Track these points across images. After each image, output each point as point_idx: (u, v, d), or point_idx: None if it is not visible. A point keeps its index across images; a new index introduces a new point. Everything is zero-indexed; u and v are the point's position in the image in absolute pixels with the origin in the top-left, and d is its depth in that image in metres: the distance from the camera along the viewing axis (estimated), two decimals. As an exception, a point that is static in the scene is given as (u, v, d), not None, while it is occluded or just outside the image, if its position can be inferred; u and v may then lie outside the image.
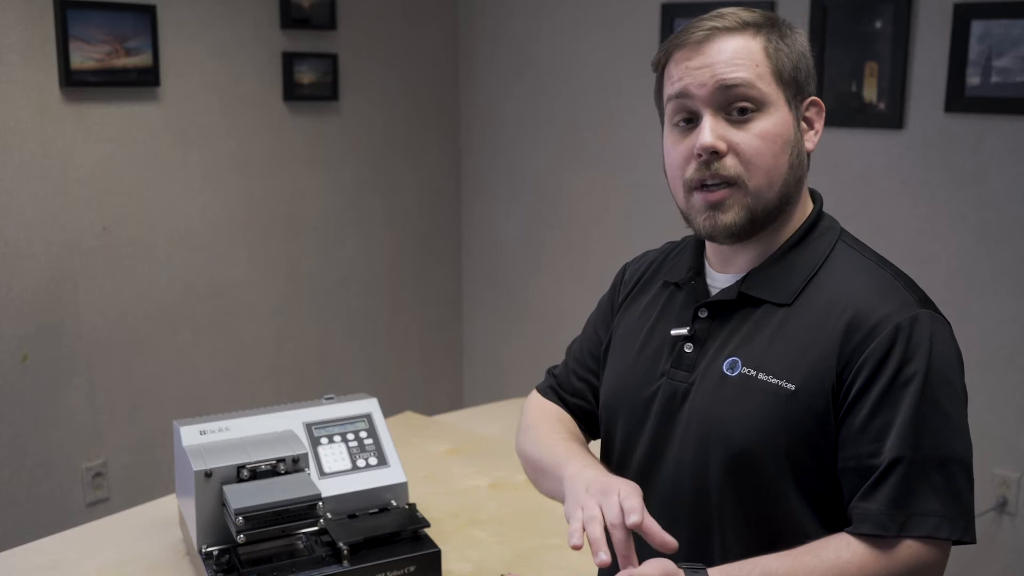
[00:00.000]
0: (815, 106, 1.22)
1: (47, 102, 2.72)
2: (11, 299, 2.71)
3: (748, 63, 1.16)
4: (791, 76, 1.19)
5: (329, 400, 1.76)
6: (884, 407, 1.10)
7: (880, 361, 1.11)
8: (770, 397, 1.15)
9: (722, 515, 1.19)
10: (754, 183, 1.16)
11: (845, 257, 1.21)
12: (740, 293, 1.21)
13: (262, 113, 3.24)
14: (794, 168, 1.19)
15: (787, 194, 1.19)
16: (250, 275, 3.28)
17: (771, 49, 1.18)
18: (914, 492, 1.09)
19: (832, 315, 1.15)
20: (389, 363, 3.76)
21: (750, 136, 1.16)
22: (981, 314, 2.80)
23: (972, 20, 2.69)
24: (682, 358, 1.24)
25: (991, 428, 2.81)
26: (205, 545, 1.53)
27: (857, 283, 1.17)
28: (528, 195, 3.74)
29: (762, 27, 1.19)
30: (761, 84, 1.16)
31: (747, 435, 1.15)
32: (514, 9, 3.67)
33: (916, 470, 1.09)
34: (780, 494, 1.15)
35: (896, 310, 1.13)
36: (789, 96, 1.19)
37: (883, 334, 1.11)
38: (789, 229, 1.23)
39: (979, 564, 2.88)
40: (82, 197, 2.83)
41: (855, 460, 1.12)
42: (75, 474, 2.90)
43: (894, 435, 1.09)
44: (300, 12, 3.27)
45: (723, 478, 1.17)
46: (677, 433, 1.22)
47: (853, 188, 2.97)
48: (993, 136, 2.73)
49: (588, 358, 1.43)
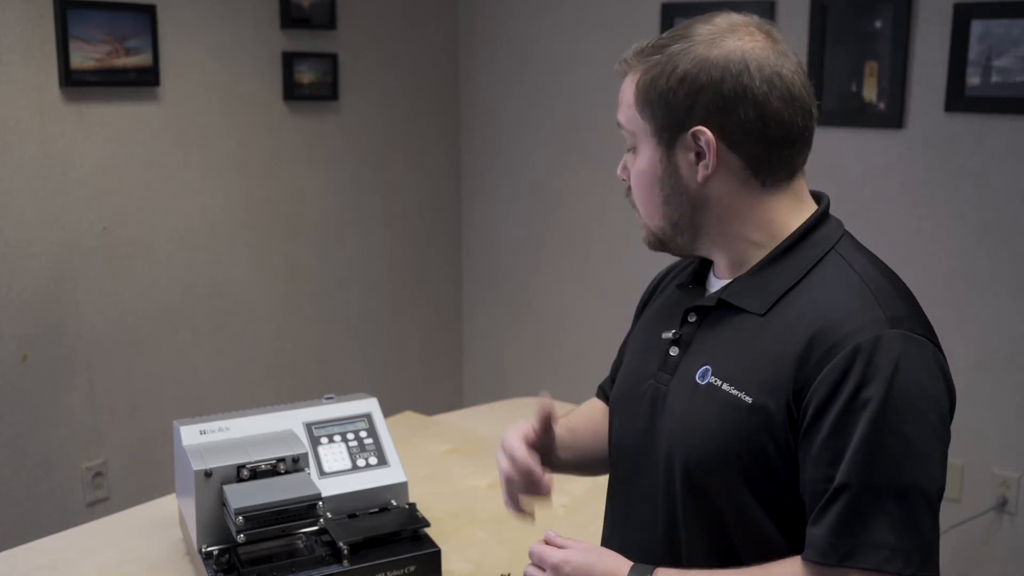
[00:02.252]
0: (702, 135, 1.14)
1: (47, 102, 2.72)
2: (11, 299, 2.71)
3: (625, 103, 1.22)
4: (659, 106, 1.16)
5: (329, 400, 1.76)
6: (838, 431, 1.05)
7: (836, 383, 1.06)
8: (728, 409, 1.13)
9: (686, 520, 1.20)
10: (643, 213, 1.24)
11: (832, 268, 1.16)
12: (719, 300, 1.21)
13: (262, 113, 3.24)
14: (671, 203, 1.19)
15: (680, 223, 1.20)
16: (250, 275, 3.28)
17: (642, 83, 1.18)
18: (863, 521, 1.04)
19: (798, 329, 1.10)
20: (389, 363, 3.76)
21: (633, 172, 1.24)
22: (981, 314, 2.80)
23: (972, 20, 2.69)
24: (667, 361, 1.24)
25: (991, 428, 2.82)
26: (205, 545, 1.53)
27: (830, 297, 1.12)
28: (528, 195, 3.74)
29: (642, 58, 1.19)
30: (630, 124, 1.21)
31: (703, 445, 1.15)
32: (514, 9, 3.67)
33: (866, 498, 1.04)
34: (740, 505, 1.14)
35: (861, 329, 1.07)
36: (655, 129, 1.18)
37: (841, 354, 1.06)
38: (748, 243, 1.19)
39: (979, 564, 2.88)
40: (82, 197, 2.83)
41: (811, 484, 1.08)
42: (75, 474, 2.90)
43: (845, 461, 1.04)
44: (300, 12, 3.27)
45: (685, 485, 1.18)
46: (656, 435, 1.24)
47: (853, 188, 2.97)
48: (993, 136, 2.73)
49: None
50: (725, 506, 1.15)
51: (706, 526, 1.18)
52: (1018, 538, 2.83)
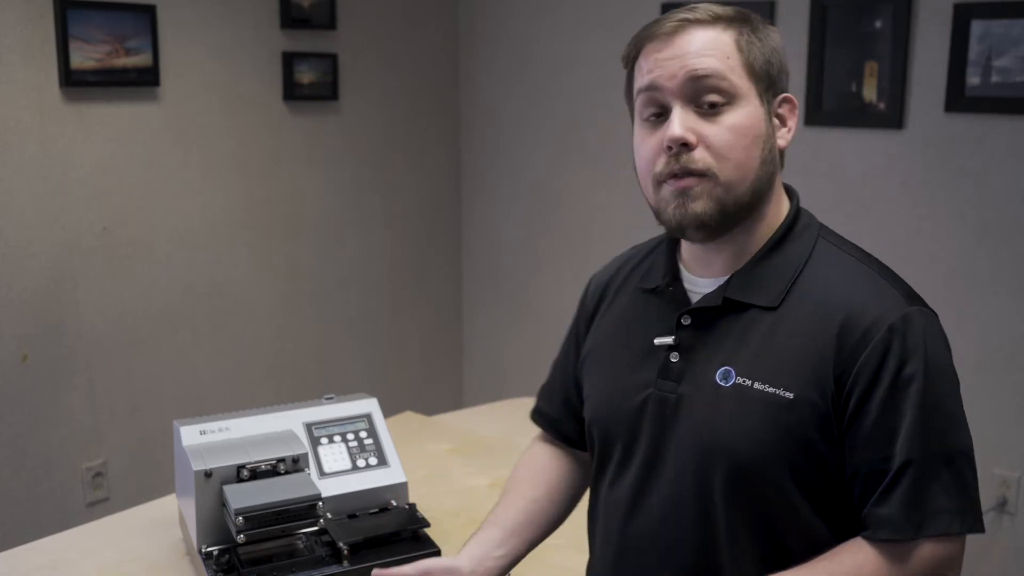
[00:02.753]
0: (788, 103, 1.20)
1: (47, 102, 2.72)
2: (11, 299, 2.71)
3: (719, 54, 1.14)
4: (763, 70, 1.16)
5: (329, 400, 1.76)
6: (888, 411, 1.09)
7: (879, 365, 1.09)
8: (769, 407, 1.12)
9: (729, 526, 1.16)
10: (725, 176, 1.13)
11: (828, 255, 1.19)
12: (725, 298, 1.18)
13: (262, 113, 3.24)
14: (766, 163, 1.16)
15: (759, 190, 1.16)
16: (250, 275, 3.28)
17: (743, 42, 1.15)
18: (926, 492, 1.08)
19: (824, 319, 1.12)
20: (389, 363, 3.76)
21: (721, 129, 1.13)
22: (981, 314, 2.80)
23: (972, 20, 2.69)
24: (668, 368, 1.21)
25: (991, 428, 2.81)
26: (205, 545, 1.53)
27: (845, 283, 1.15)
28: (528, 195, 3.74)
29: (734, 21, 1.16)
30: (732, 76, 1.14)
31: (750, 447, 1.13)
32: (514, 9, 3.67)
33: (926, 470, 1.08)
34: (787, 503, 1.13)
35: (888, 310, 1.11)
36: (761, 90, 1.16)
37: (878, 337, 1.09)
38: (765, 228, 1.20)
39: (979, 564, 2.88)
40: (82, 197, 2.83)
41: (866, 466, 1.10)
42: (75, 474, 2.90)
43: (902, 438, 1.08)
44: (300, 12, 3.27)
45: (727, 490, 1.15)
46: (672, 444, 1.20)
47: (853, 188, 2.97)
48: (993, 136, 2.73)
49: (570, 378, 1.42)
50: (775, 507, 1.14)
51: (754, 532, 1.15)
52: (1018, 538, 2.83)
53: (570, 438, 1.44)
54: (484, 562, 1.30)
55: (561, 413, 1.44)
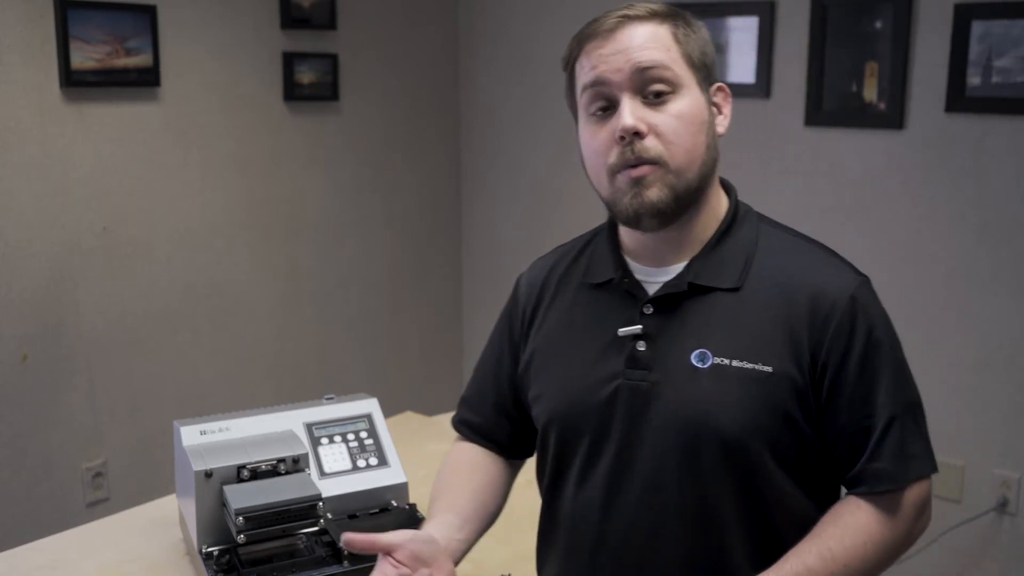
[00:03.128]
0: (722, 91, 1.26)
1: (47, 102, 2.72)
2: (11, 299, 2.71)
3: (660, 46, 1.19)
4: (700, 60, 1.22)
5: (329, 400, 1.76)
6: (866, 373, 1.18)
7: (850, 333, 1.18)
8: (751, 382, 1.17)
9: (720, 504, 1.19)
10: (676, 162, 1.18)
11: (774, 238, 1.26)
12: (689, 283, 1.22)
13: (262, 113, 3.24)
14: (710, 149, 1.22)
15: (705, 175, 1.21)
16: (250, 275, 3.28)
17: (680, 35, 1.21)
18: (906, 442, 1.19)
19: (791, 296, 1.19)
20: (389, 363, 3.76)
21: (668, 117, 1.18)
22: (981, 314, 2.80)
23: (972, 20, 2.69)
24: (636, 357, 1.23)
25: (991, 428, 2.81)
26: (205, 545, 1.53)
27: (801, 262, 1.23)
28: (528, 195, 3.74)
29: (669, 16, 1.22)
30: (674, 67, 1.19)
31: (736, 422, 1.17)
32: (514, 9, 3.67)
33: (904, 423, 1.19)
34: (770, 475, 1.19)
35: (846, 284, 1.20)
36: (700, 79, 1.22)
37: (844, 308, 1.18)
38: (712, 216, 1.25)
39: (979, 564, 2.88)
40: (82, 197, 2.83)
41: (852, 426, 1.18)
42: (75, 474, 2.90)
43: (881, 396, 1.18)
44: (300, 12, 3.27)
45: (719, 467, 1.18)
46: (648, 432, 1.21)
47: (853, 188, 2.97)
48: (993, 136, 2.73)
49: (504, 382, 1.42)
50: (762, 482, 1.19)
51: (746, 511, 1.19)
52: (1018, 538, 2.82)
53: (501, 444, 1.45)
54: (449, 543, 1.29)
55: (492, 421, 1.45)
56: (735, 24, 3.09)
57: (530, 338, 1.37)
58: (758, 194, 1.40)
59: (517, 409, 1.41)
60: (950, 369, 2.83)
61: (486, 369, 1.47)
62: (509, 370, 1.41)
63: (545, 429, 1.33)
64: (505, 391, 1.42)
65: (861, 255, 2.99)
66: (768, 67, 3.06)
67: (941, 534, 2.86)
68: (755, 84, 3.09)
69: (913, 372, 1.25)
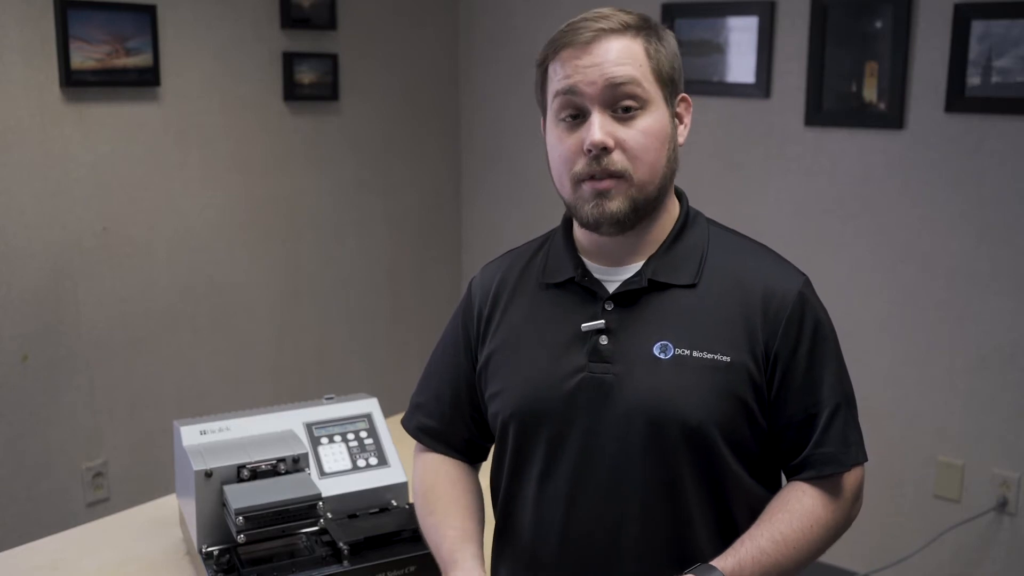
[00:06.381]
0: (684, 102, 1.32)
1: (47, 102, 2.72)
2: (11, 299, 2.71)
3: (633, 63, 1.24)
4: (668, 75, 1.27)
5: (329, 400, 1.76)
6: (813, 364, 1.26)
7: (799, 325, 1.26)
8: (710, 372, 1.24)
9: (683, 490, 1.25)
10: (639, 177, 1.24)
11: (723, 239, 1.34)
12: (649, 280, 1.28)
13: (262, 113, 3.24)
14: (671, 162, 1.28)
15: (664, 187, 1.28)
16: (250, 275, 3.28)
17: (651, 50, 1.26)
18: (847, 429, 1.28)
19: (745, 292, 1.27)
20: (389, 363, 3.76)
21: (635, 132, 1.24)
22: (981, 314, 2.80)
23: (972, 20, 2.70)
24: (599, 351, 1.28)
25: (991, 428, 2.82)
26: (205, 545, 1.53)
27: (752, 262, 1.31)
28: (528, 195, 3.74)
29: (641, 29, 1.27)
30: (645, 83, 1.24)
31: (698, 409, 1.23)
32: (514, 9, 3.67)
33: (845, 411, 1.28)
34: (727, 462, 1.25)
35: (792, 281, 1.29)
36: (666, 94, 1.27)
37: (793, 303, 1.26)
38: (668, 218, 1.32)
39: (979, 564, 2.88)
40: (82, 197, 2.83)
41: (800, 413, 1.26)
42: (75, 474, 2.90)
43: (827, 386, 1.27)
44: (300, 12, 3.27)
45: (682, 453, 1.24)
46: (614, 421, 1.25)
47: (853, 188, 2.97)
48: (993, 136, 2.73)
49: (462, 383, 1.44)
50: (716, 463, 1.25)
51: (702, 487, 1.25)
52: (1018, 538, 2.82)
53: (456, 447, 1.48)
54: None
55: (448, 423, 1.47)
56: (735, 24, 3.09)
57: (487, 340, 1.40)
58: (758, 194, 1.40)
59: (474, 409, 1.45)
60: (950, 369, 2.83)
61: (440, 372, 1.49)
62: (466, 370, 1.44)
63: (504, 425, 1.35)
64: (462, 391, 1.45)
65: (861, 255, 3.01)
66: (768, 67, 3.06)
67: (941, 534, 2.86)
68: (755, 84, 3.09)
69: (913, 372, 1.28)
